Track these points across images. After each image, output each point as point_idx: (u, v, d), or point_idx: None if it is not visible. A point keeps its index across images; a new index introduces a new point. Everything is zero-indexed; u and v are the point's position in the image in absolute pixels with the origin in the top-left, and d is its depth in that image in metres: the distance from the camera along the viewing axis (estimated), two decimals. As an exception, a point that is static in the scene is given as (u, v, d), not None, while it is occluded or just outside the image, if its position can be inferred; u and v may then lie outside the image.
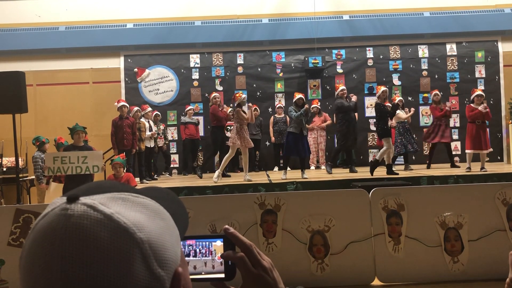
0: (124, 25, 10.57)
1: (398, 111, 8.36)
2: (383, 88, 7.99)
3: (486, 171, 7.37)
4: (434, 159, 9.02)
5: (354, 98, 8.54)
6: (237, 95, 7.90)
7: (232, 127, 7.85)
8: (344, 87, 8.79)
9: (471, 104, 7.87)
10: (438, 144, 8.79)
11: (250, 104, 8.15)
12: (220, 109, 8.80)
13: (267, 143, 10.52)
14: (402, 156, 8.96)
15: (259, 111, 10.19)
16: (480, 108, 7.65)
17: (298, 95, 7.91)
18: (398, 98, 8.99)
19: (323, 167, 9.80)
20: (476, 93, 7.91)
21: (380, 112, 7.79)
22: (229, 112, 8.84)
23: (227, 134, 9.01)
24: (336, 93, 8.76)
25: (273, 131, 10.08)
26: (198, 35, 10.61)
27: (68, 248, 0.49)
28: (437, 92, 9.05)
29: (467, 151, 7.85)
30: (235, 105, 7.70)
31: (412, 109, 9.19)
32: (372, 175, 7.57)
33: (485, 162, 7.74)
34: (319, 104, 10.12)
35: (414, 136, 8.92)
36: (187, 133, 9.73)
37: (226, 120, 8.87)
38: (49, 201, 7.08)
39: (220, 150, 8.94)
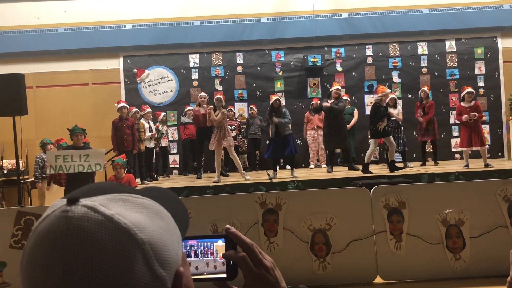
0: (123, 26, 10.57)
1: (389, 109, 8.30)
2: (388, 90, 7.91)
3: (492, 167, 7.38)
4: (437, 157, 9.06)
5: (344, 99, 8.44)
6: (219, 97, 7.79)
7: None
8: (338, 87, 8.50)
9: (461, 103, 7.83)
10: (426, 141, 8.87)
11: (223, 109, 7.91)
12: (203, 109, 8.61)
13: (267, 142, 10.51)
14: (399, 154, 8.97)
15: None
16: (464, 118, 7.59)
17: (274, 97, 7.82)
18: (390, 95, 8.95)
19: (323, 165, 9.79)
20: (467, 90, 7.82)
21: (375, 113, 7.67)
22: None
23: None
24: (330, 91, 8.55)
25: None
26: (197, 35, 10.61)
27: (69, 250, 0.48)
28: (425, 89, 8.94)
29: (460, 149, 7.94)
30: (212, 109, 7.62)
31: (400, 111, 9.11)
32: (365, 174, 7.55)
33: (487, 158, 7.74)
34: (318, 102, 10.11)
35: (403, 135, 8.87)
36: (187, 133, 9.74)
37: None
38: (49, 203, 7.09)
39: (200, 152, 8.92)
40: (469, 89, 7.87)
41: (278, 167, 9.02)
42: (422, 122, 8.65)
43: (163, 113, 9.89)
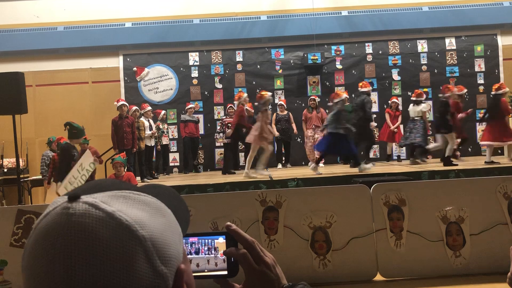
0: (123, 24, 10.55)
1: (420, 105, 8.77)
2: (456, 89, 8.28)
3: (498, 164, 7.53)
4: (435, 154, 9.08)
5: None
6: (263, 94, 7.74)
7: (254, 126, 7.71)
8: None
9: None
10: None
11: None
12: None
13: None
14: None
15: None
16: None
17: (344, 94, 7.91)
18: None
19: (321, 164, 9.75)
20: (508, 89, 7.98)
21: (445, 110, 7.94)
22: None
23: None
24: (365, 90, 8.48)
25: (276, 129, 10.00)
26: (197, 33, 10.60)
27: (70, 247, 0.48)
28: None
29: (508, 143, 7.85)
30: (260, 104, 7.58)
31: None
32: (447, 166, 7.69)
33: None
34: (317, 99, 10.09)
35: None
36: (187, 131, 9.75)
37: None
38: (50, 201, 7.09)
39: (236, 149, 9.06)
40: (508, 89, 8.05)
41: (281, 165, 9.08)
42: (461, 119, 8.76)
43: (163, 111, 9.89)
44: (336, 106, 7.63)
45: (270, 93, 7.91)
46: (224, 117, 10.17)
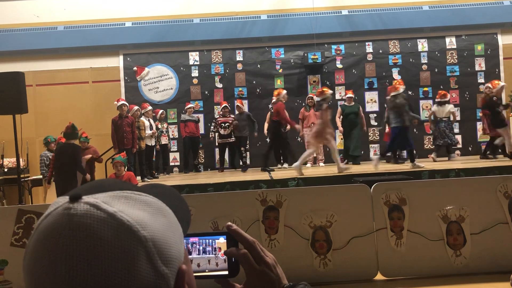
0: (123, 23, 10.55)
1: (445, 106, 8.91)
2: (502, 83, 8.41)
3: None
4: (440, 153, 9.11)
5: None
6: (325, 90, 7.73)
7: (315, 125, 7.66)
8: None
9: None
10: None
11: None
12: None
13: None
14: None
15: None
16: None
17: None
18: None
19: (321, 164, 9.74)
20: None
21: (497, 105, 8.09)
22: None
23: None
24: (398, 92, 8.42)
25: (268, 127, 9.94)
26: (197, 33, 10.60)
27: (72, 247, 0.49)
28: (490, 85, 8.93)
29: None
30: (320, 100, 7.56)
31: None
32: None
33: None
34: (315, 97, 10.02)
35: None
36: (187, 131, 9.74)
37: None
38: (50, 201, 7.11)
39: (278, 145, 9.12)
40: None
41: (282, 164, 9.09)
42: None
43: (161, 111, 9.85)
44: (394, 100, 7.62)
45: (331, 91, 7.89)
46: (218, 116, 10.07)
